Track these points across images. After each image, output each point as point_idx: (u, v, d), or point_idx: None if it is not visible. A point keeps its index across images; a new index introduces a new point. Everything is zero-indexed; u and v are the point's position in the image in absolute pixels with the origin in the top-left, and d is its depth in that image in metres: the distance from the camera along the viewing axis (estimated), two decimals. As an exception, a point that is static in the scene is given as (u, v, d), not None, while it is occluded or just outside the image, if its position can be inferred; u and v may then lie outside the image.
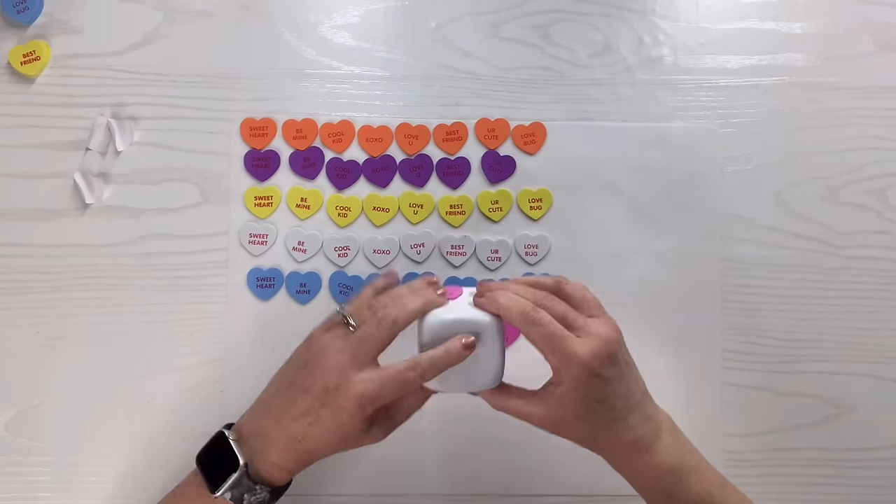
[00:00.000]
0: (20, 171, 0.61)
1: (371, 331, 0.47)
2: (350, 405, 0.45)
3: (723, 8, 0.63)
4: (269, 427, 0.47)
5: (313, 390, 0.46)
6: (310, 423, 0.46)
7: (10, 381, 0.60)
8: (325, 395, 0.46)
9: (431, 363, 0.47)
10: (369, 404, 0.46)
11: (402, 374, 0.46)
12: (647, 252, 0.61)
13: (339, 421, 0.46)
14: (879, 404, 0.61)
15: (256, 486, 0.46)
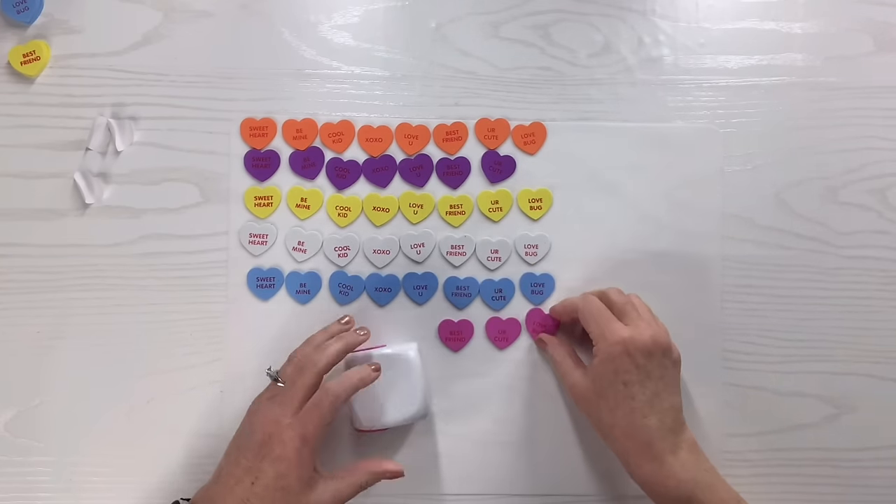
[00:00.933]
0: (20, 171, 0.61)
1: (295, 380, 0.51)
2: (285, 450, 0.48)
3: (723, 8, 0.63)
4: (217, 493, 0.48)
5: (252, 447, 0.49)
6: (252, 482, 0.48)
7: (10, 381, 0.60)
8: (262, 448, 0.49)
9: (340, 384, 0.51)
10: (302, 443, 0.49)
11: (317, 403, 0.50)
12: (647, 252, 0.61)
13: (278, 471, 0.48)
14: (879, 404, 0.61)
15: None
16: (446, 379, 0.60)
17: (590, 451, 0.60)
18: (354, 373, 0.53)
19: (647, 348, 0.51)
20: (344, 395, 0.51)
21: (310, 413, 0.50)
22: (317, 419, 0.50)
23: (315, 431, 0.50)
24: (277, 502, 0.48)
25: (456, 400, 0.60)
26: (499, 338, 0.60)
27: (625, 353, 0.50)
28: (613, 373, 0.51)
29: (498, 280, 0.61)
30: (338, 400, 0.51)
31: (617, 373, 0.50)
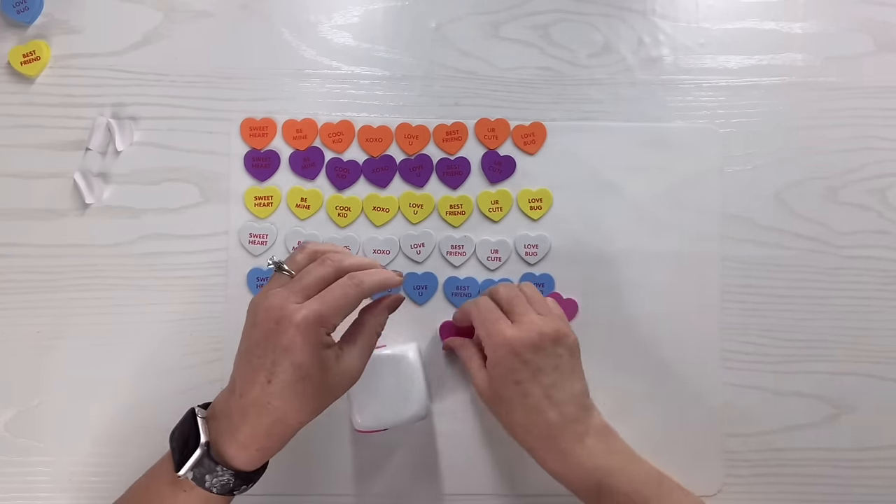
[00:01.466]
0: (20, 171, 0.61)
1: (312, 270, 0.45)
2: (296, 335, 0.42)
3: (723, 8, 0.63)
4: (234, 403, 0.44)
5: (259, 341, 0.43)
6: (268, 380, 0.43)
7: (10, 381, 0.60)
8: (269, 340, 0.43)
9: (369, 276, 0.45)
10: (315, 326, 0.42)
11: (341, 287, 0.44)
12: (647, 252, 0.61)
13: (293, 361, 0.42)
14: (879, 404, 0.61)
15: (218, 467, 0.43)
16: (446, 379, 0.60)
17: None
18: (383, 273, 0.46)
19: (533, 344, 0.49)
20: (369, 287, 0.45)
21: (328, 293, 0.44)
22: (336, 300, 0.43)
23: (335, 312, 0.43)
24: (300, 395, 0.43)
25: (456, 400, 0.60)
26: (499, 338, 0.60)
27: (511, 354, 0.49)
28: (504, 374, 0.50)
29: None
30: (362, 287, 0.44)
31: (507, 374, 0.50)
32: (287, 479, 0.59)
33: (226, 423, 0.44)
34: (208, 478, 0.44)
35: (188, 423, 0.46)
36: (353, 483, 0.60)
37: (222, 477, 0.44)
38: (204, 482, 0.44)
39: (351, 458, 0.59)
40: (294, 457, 0.52)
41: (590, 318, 0.61)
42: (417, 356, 0.56)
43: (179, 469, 0.43)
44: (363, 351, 0.47)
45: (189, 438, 0.44)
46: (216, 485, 0.44)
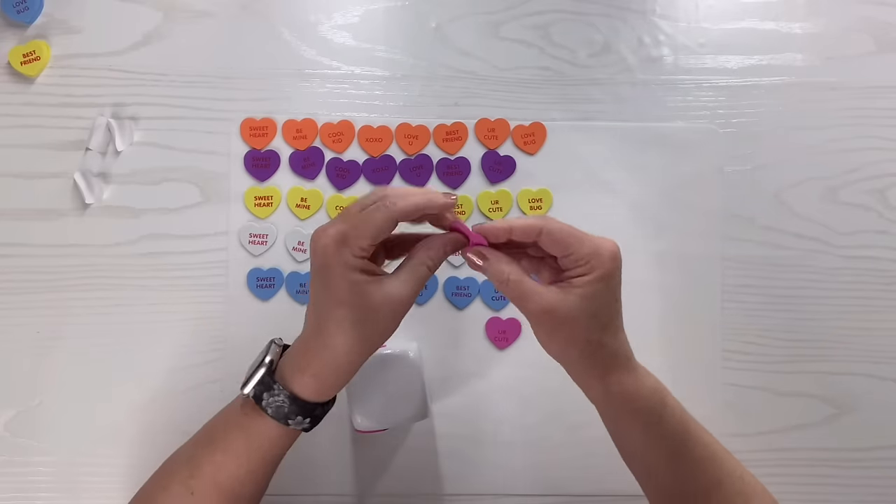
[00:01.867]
0: (20, 171, 0.61)
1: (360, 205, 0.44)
2: (323, 257, 0.42)
3: (723, 8, 0.63)
4: (302, 336, 0.45)
5: (312, 276, 0.44)
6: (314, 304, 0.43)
7: (10, 381, 0.60)
8: (313, 267, 0.43)
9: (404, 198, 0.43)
10: (337, 245, 0.42)
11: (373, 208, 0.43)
12: (647, 252, 0.61)
13: (324, 283, 0.42)
14: (879, 404, 0.61)
15: (275, 385, 0.44)
16: (446, 379, 0.60)
17: (590, 451, 0.60)
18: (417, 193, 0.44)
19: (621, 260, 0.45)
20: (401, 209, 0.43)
21: (363, 216, 0.43)
22: (363, 218, 0.42)
23: (359, 230, 0.42)
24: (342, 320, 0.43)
25: (456, 400, 0.60)
26: (499, 338, 0.61)
27: (618, 268, 0.44)
28: (608, 290, 0.44)
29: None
30: (393, 206, 0.43)
31: (611, 290, 0.44)
32: (287, 480, 0.59)
33: (291, 349, 0.45)
34: (265, 396, 0.44)
35: (263, 349, 0.47)
36: (353, 483, 0.60)
37: (278, 397, 0.44)
38: (261, 400, 0.44)
39: (351, 458, 0.59)
40: (294, 457, 0.51)
41: (590, 318, 0.61)
42: (418, 356, 0.56)
43: (245, 387, 0.44)
44: (409, 279, 0.44)
45: (259, 361, 0.45)
46: (272, 405, 0.44)
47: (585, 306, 0.44)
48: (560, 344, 0.45)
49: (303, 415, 0.45)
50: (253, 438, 0.45)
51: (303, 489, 0.59)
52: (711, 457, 0.46)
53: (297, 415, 0.44)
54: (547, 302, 0.44)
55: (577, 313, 0.44)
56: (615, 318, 0.45)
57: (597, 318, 0.44)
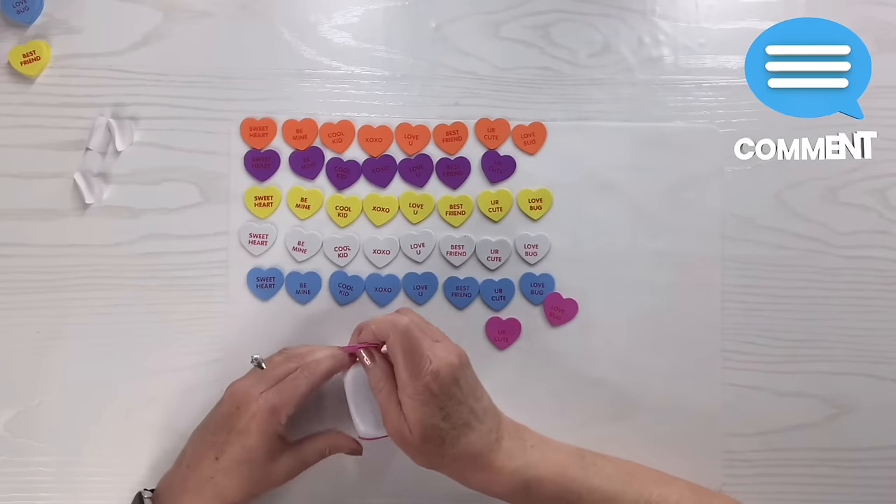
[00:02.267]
0: (20, 171, 0.61)
1: (278, 364, 0.51)
2: (253, 421, 0.48)
3: (723, 8, 0.63)
4: (182, 475, 0.48)
5: (219, 420, 0.49)
6: (216, 456, 0.48)
7: (10, 381, 0.60)
8: (228, 420, 0.48)
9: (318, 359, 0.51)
10: (269, 415, 0.48)
11: (293, 378, 0.50)
12: (647, 252, 0.61)
13: (244, 444, 0.48)
14: (879, 404, 0.61)
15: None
16: (446, 379, 0.60)
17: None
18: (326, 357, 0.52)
19: (454, 374, 0.48)
20: (322, 374, 0.51)
21: (283, 385, 0.50)
22: (290, 390, 0.49)
23: (287, 402, 0.49)
24: (243, 476, 0.48)
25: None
26: (499, 338, 0.61)
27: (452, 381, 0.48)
28: (430, 414, 0.48)
29: (498, 280, 0.61)
30: (314, 375, 0.51)
31: (434, 413, 0.48)
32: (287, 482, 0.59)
33: (168, 497, 0.48)
34: None
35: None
36: (352, 484, 0.60)
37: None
38: None
39: (351, 460, 0.59)
40: (294, 457, 0.52)
41: (590, 318, 0.61)
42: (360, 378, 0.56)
43: None
44: (305, 459, 0.52)
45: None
46: None
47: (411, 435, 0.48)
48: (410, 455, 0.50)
49: None
50: None
51: (302, 490, 0.59)
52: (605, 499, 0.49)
53: None
54: (392, 425, 0.49)
55: (408, 439, 0.49)
56: (448, 433, 0.48)
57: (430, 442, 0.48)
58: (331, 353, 0.53)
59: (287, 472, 0.51)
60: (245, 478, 0.48)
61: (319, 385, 0.51)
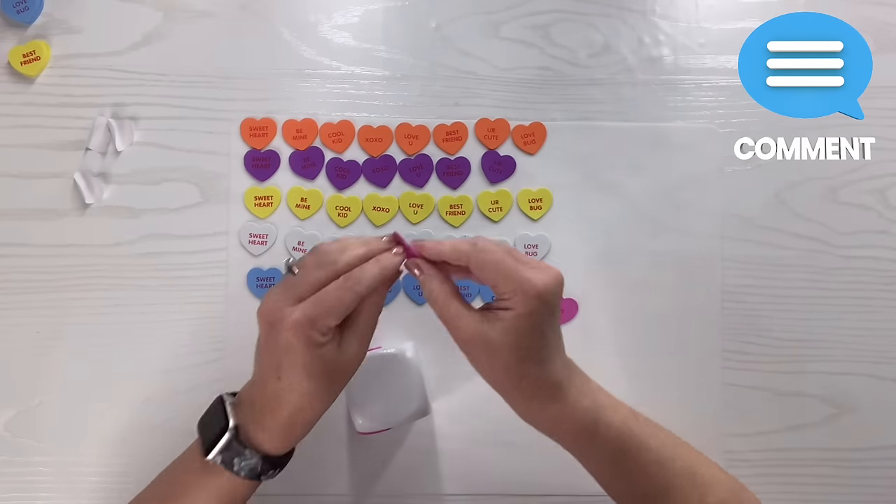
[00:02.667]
0: (20, 171, 0.61)
1: (309, 271, 0.45)
2: (291, 337, 0.43)
3: (723, 8, 0.63)
4: (257, 392, 0.46)
5: (264, 343, 0.45)
6: (277, 376, 0.44)
7: (10, 381, 0.60)
8: (269, 341, 0.44)
9: (364, 270, 0.45)
10: (309, 328, 0.43)
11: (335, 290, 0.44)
12: (647, 252, 0.61)
13: (294, 361, 0.44)
14: (879, 404, 0.61)
15: (246, 450, 0.45)
16: (446, 379, 0.60)
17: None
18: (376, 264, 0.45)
19: (557, 292, 0.45)
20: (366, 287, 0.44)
21: (323, 296, 0.44)
22: (331, 303, 0.44)
23: (326, 313, 0.43)
24: (310, 387, 0.44)
25: (456, 400, 0.60)
26: (499, 338, 0.60)
27: (544, 303, 0.44)
28: (534, 325, 0.44)
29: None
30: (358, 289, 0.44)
31: (536, 326, 0.44)
32: (287, 480, 0.59)
33: (250, 410, 0.46)
34: (237, 461, 0.45)
35: (216, 409, 0.47)
36: (352, 483, 0.60)
37: (250, 460, 0.45)
38: (232, 466, 0.45)
39: (351, 458, 0.59)
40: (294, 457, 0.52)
41: (590, 318, 0.61)
42: (414, 354, 0.56)
43: (208, 454, 0.44)
44: (363, 335, 0.46)
45: (217, 424, 0.46)
46: (244, 468, 0.45)
47: (505, 339, 0.44)
48: (482, 370, 0.46)
49: (274, 468, 0.46)
50: (223, 497, 0.46)
51: (302, 489, 0.59)
52: (658, 461, 0.47)
53: (269, 470, 0.46)
54: (468, 331, 0.45)
55: (496, 345, 0.44)
56: (540, 351, 0.45)
57: (517, 351, 0.44)
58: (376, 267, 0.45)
59: (356, 359, 0.46)
60: (313, 387, 0.44)
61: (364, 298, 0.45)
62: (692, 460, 0.48)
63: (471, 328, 0.45)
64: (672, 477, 0.46)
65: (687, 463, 0.48)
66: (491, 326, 0.44)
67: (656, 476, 0.46)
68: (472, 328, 0.45)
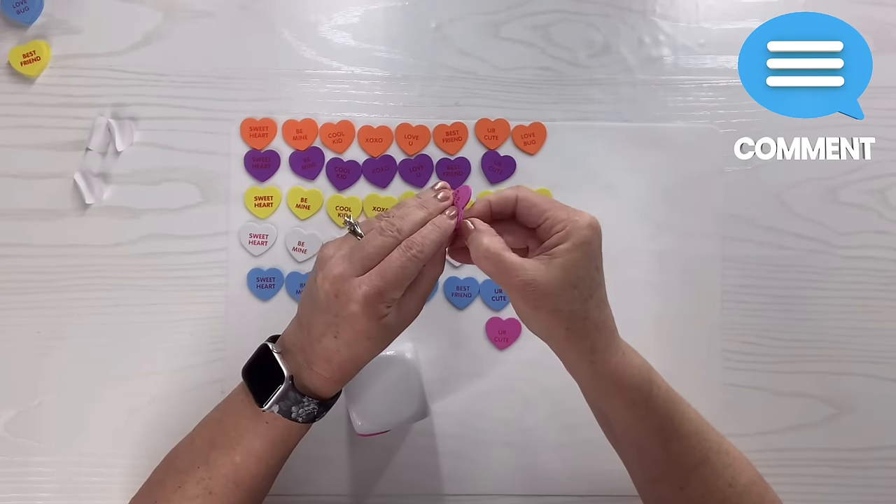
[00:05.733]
0: (20, 171, 0.61)
1: (373, 238, 0.44)
2: (358, 309, 0.43)
3: (723, 8, 0.63)
4: (307, 342, 0.46)
5: (325, 307, 0.44)
6: (335, 336, 0.44)
7: (10, 381, 0.60)
8: (333, 307, 0.44)
9: (424, 237, 0.44)
10: (375, 303, 0.43)
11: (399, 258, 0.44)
12: (647, 252, 0.61)
13: (356, 328, 0.44)
14: (879, 404, 0.61)
15: (304, 398, 0.46)
16: (446, 379, 0.60)
17: (590, 451, 0.60)
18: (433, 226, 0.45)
19: (600, 230, 0.44)
20: (428, 254, 0.44)
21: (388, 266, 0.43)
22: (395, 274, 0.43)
23: (392, 286, 0.43)
24: (368, 346, 0.45)
25: (456, 400, 0.60)
26: (499, 338, 0.61)
27: (596, 236, 0.44)
28: (588, 258, 0.43)
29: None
30: (420, 257, 0.44)
31: (591, 258, 0.44)
32: (287, 480, 0.59)
33: (303, 358, 0.46)
34: (294, 409, 0.46)
35: (264, 358, 0.47)
36: (352, 483, 0.60)
37: (308, 407, 0.46)
38: (290, 413, 0.46)
39: (350, 459, 0.59)
40: (294, 457, 0.51)
41: (590, 318, 0.61)
42: (414, 356, 0.56)
43: (263, 403, 0.45)
44: (422, 294, 0.47)
45: (269, 374, 0.46)
46: (302, 415, 0.46)
47: (565, 277, 0.43)
48: (544, 318, 0.44)
49: (327, 409, 0.48)
50: (275, 441, 0.47)
51: (302, 489, 0.59)
52: (697, 432, 0.47)
53: (324, 412, 0.47)
54: (527, 275, 0.43)
55: (558, 284, 0.43)
56: (598, 289, 0.44)
57: (578, 289, 0.43)
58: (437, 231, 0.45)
59: (410, 318, 0.47)
60: (370, 345, 0.45)
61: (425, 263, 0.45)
62: (722, 438, 0.48)
63: (529, 273, 0.43)
64: (709, 451, 0.46)
65: (719, 439, 0.48)
66: (549, 266, 0.43)
67: (696, 448, 0.46)
68: (530, 273, 0.43)
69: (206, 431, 0.49)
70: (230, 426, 0.47)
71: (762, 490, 0.47)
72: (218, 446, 0.47)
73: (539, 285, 0.43)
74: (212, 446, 0.47)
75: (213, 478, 0.46)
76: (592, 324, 0.44)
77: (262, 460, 0.47)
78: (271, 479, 0.50)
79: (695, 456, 0.46)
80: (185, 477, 0.47)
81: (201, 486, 0.46)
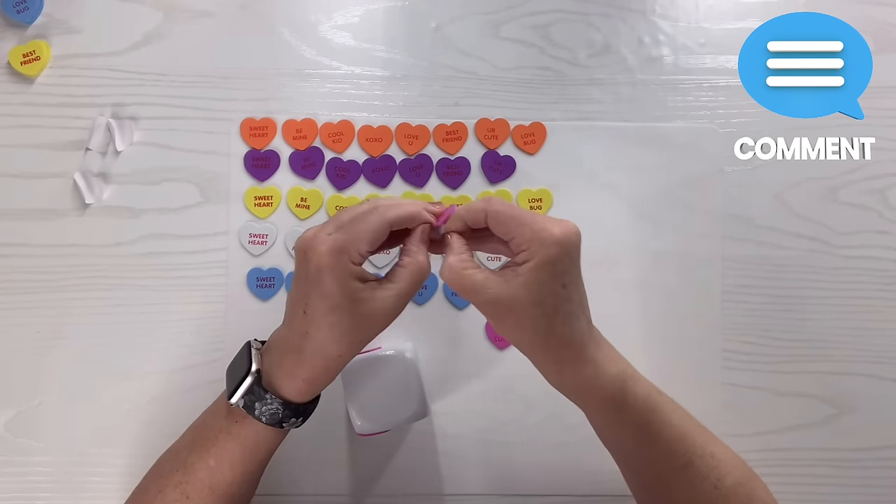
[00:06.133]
0: (20, 171, 0.61)
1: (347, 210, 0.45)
2: (320, 263, 0.42)
3: (723, 8, 0.63)
4: (283, 334, 0.45)
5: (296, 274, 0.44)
6: (304, 310, 0.43)
7: (10, 381, 0.60)
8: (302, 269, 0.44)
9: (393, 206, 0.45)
10: (337, 254, 0.42)
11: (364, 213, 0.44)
12: (647, 252, 0.61)
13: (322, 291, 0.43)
14: (879, 404, 0.61)
15: (267, 395, 0.44)
16: (446, 379, 0.60)
17: (590, 450, 0.60)
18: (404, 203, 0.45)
19: (577, 243, 0.44)
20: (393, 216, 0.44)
21: (351, 223, 0.43)
22: (358, 225, 0.43)
23: (355, 238, 0.43)
24: (334, 325, 0.43)
25: (456, 400, 0.60)
26: (498, 338, 0.61)
27: (564, 254, 0.43)
28: (552, 277, 0.43)
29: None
30: (386, 214, 0.44)
31: (556, 276, 0.43)
32: (287, 480, 0.59)
33: (276, 354, 0.46)
34: (258, 406, 0.45)
35: (243, 354, 0.47)
36: (352, 483, 0.60)
37: (271, 405, 0.45)
38: (254, 410, 0.45)
39: (350, 459, 0.59)
40: (294, 457, 0.52)
41: (590, 318, 0.61)
42: (413, 355, 0.56)
43: (231, 397, 0.45)
44: (402, 292, 0.45)
45: (241, 368, 0.46)
46: (265, 413, 0.45)
47: (527, 296, 0.43)
48: (510, 333, 0.45)
49: (296, 416, 0.46)
50: (246, 445, 0.46)
51: (302, 489, 0.59)
52: (680, 437, 0.46)
53: (290, 417, 0.46)
54: (487, 293, 0.43)
55: (519, 302, 0.43)
56: (565, 305, 0.43)
57: (542, 307, 0.43)
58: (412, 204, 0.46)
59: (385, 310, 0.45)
60: (337, 326, 0.43)
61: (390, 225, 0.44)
62: (709, 439, 0.48)
63: (492, 290, 0.43)
64: (692, 454, 0.46)
65: (705, 441, 0.47)
66: (512, 283, 0.43)
67: (677, 452, 0.46)
68: (493, 290, 0.43)
69: (189, 434, 0.49)
70: (208, 427, 0.47)
71: (749, 491, 0.47)
72: (195, 449, 0.47)
73: (500, 303, 0.43)
74: (190, 449, 0.47)
75: (189, 482, 0.46)
76: (557, 339, 0.44)
77: (236, 465, 0.46)
78: (249, 488, 0.49)
79: (676, 460, 0.46)
80: (164, 481, 0.47)
81: (178, 491, 0.46)
